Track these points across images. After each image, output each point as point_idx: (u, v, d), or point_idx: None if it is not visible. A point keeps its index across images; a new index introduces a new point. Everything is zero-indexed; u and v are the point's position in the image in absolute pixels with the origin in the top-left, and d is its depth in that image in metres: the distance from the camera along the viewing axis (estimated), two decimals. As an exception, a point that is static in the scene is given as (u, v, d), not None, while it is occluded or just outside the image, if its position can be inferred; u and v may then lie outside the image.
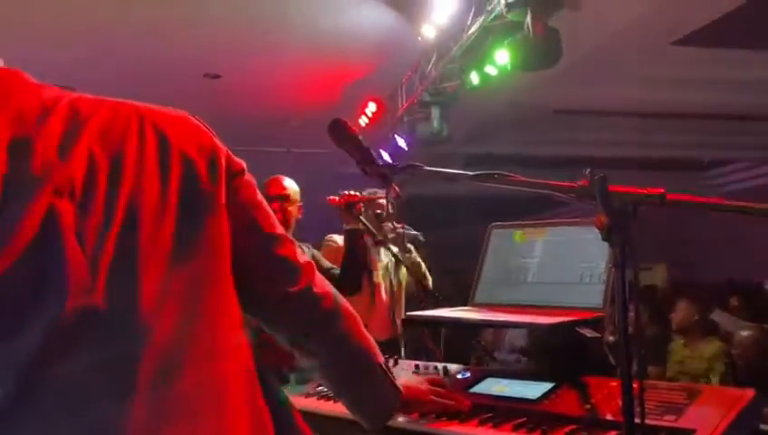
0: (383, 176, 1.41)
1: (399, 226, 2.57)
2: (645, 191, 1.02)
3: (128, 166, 0.86)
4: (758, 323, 4.73)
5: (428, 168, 1.33)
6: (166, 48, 5.47)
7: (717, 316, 5.28)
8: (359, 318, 1.22)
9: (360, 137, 1.39)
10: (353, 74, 6.05)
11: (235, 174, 1.01)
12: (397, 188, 1.57)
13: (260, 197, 1.09)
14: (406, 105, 5.66)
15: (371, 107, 6.26)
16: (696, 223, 13.68)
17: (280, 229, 1.10)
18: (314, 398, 1.72)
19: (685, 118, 7.98)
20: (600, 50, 5.20)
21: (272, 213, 1.11)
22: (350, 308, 1.20)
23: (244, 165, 1.07)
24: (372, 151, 1.40)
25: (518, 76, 4.61)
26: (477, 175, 1.25)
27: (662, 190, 1.01)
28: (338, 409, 1.41)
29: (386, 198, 1.46)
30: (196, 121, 1.01)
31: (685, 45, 5.74)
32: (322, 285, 1.15)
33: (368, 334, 1.23)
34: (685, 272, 11.71)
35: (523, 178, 1.19)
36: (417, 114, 5.61)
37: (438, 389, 1.42)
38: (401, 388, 1.29)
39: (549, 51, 3.46)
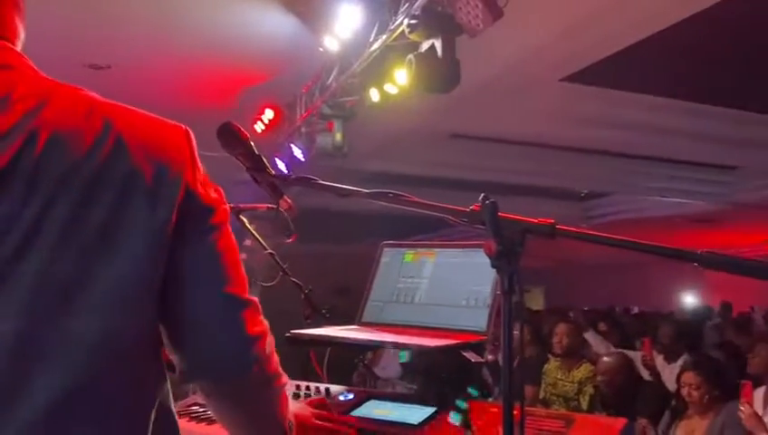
0: (274, 186, 1.36)
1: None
2: (535, 221, 1.03)
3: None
4: (623, 349, 5.04)
5: (322, 182, 1.29)
6: (49, 38, 5.10)
7: (590, 337, 5.57)
8: (285, 393, 1.10)
9: (252, 143, 1.33)
10: (251, 79, 5.91)
11: (199, 207, 0.91)
12: (288, 200, 1.51)
13: (228, 245, 0.96)
14: (304, 115, 5.59)
15: (268, 114, 6.14)
16: (572, 249, 14.52)
17: (244, 292, 0.97)
18: (186, 418, 1.61)
19: (568, 151, 8.45)
20: (495, 80, 5.39)
21: (241, 270, 0.97)
22: (282, 380, 1.07)
23: (220, 203, 0.95)
24: (264, 159, 1.34)
25: (419, 98, 4.69)
26: (371, 193, 1.22)
27: (552, 221, 1.03)
28: (214, 432, 1.32)
29: (276, 209, 1.40)
30: (180, 138, 0.92)
31: (572, 82, 6.09)
32: (267, 365, 1.01)
33: (287, 403, 1.11)
34: (561, 295, 12.36)
35: (417, 199, 1.18)
36: (317, 126, 5.55)
37: (322, 412, 1.37)
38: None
39: (447, 75, 3.52)
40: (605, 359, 4.31)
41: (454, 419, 1.35)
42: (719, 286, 12.91)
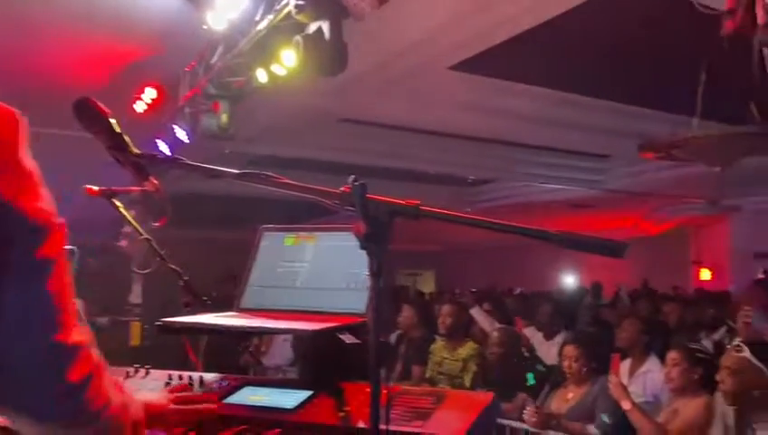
0: (138, 166, 1.28)
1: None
2: (401, 202, 1.04)
3: None
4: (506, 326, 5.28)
5: (188, 162, 1.23)
6: None
7: (476, 314, 5.77)
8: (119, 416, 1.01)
9: (113, 120, 1.24)
10: (130, 56, 5.59)
11: (23, 227, 0.77)
12: (155, 181, 1.43)
13: (60, 284, 0.84)
14: (188, 95, 5.36)
15: (150, 93, 5.84)
16: (462, 233, 14.99)
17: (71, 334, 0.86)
18: None
19: (455, 138, 8.68)
20: (384, 65, 5.43)
21: (72, 306, 0.87)
22: (111, 409, 0.97)
23: (51, 219, 0.81)
24: (126, 138, 1.26)
25: (308, 80, 4.63)
26: (241, 174, 1.18)
27: (417, 202, 1.04)
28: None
29: (141, 192, 1.32)
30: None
31: (459, 71, 6.24)
32: (92, 405, 0.91)
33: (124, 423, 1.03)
34: (451, 278, 12.77)
35: (288, 181, 1.15)
36: (201, 106, 5.34)
37: (183, 395, 1.32)
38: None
39: (334, 58, 3.50)
40: (495, 333, 4.49)
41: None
42: (594, 267, 13.81)
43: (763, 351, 2.86)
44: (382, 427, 1.01)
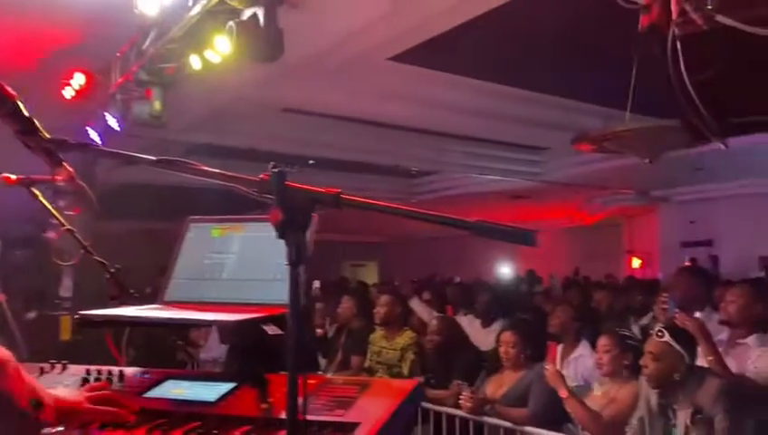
0: (49, 152, 1.23)
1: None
2: (322, 190, 1.03)
3: None
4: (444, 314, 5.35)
5: (102, 147, 1.18)
6: None
7: (415, 304, 5.84)
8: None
9: (21, 103, 1.18)
10: (58, 40, 5.36)
11: None
12: (69, 168, 1.37)
13: None
14: (119, 82, 5.19)
15: (78, 79, 5.61)
16: (404, 224, 15.09)
17: None
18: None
19: (396, 129, 8.71)
20: (324, 54, 5.38)
21: None
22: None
23: None
24: (36, 122, 1.20)
25: (246, 68, 4.54)
26: (158, 160, 1.15)
27: (337, 190, 1.03)
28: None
29: (53, 180, 1.26)
30: None
31: (399, 62, 6.25)
32: None
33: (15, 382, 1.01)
34: (394, 268, 12.85)
35: (206, 169, 1.13)
36: (133, 93, 5.17)
37: (100, 394, 1.28)
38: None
39: (269, 44, 3.45)
40: (433, 321, 4.54)
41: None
42: (531, 257, 14.15)
43: (685, 335, 2.99)
44: (300, 417, 1.00)
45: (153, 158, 1.14)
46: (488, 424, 3.72)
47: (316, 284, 7.30)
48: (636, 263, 14.05)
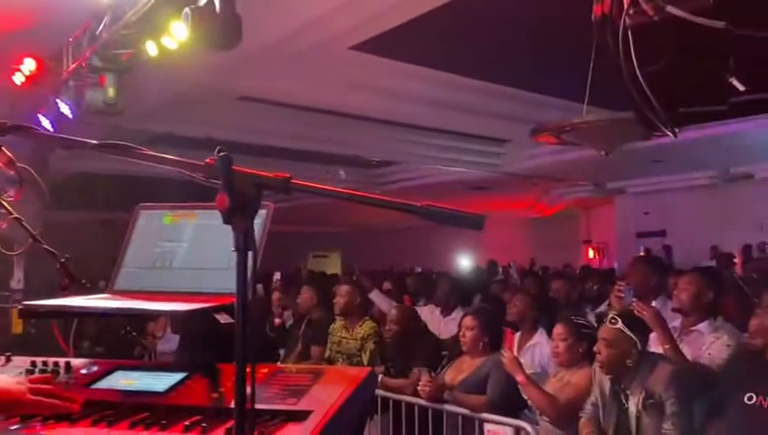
0: (-16, 137, 1.18)
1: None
2: (270, 175, 1.01)
3: None
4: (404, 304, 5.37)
5: (41, 131, 1.14)
6: None
7: (374, 296, 5.83)
8: None
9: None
10: (9, 25, 5.17)
11: None
12: (7, 152, 1.32)
13: None
14: (72, 67, 5.03)
15: (29, 64, 5.42)
16: (367, 214, 15.09)
17: None
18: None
19: (359, 119, 8.67)
20: (284, 42, 5.32)
21: None
22: None
23: None
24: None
25: (204, 56, 4.45)
26: (100, 144, 1.11)
27: (287, 175, 1.01)
28: None
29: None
30: None
31: (361, 51, 6.21)
32: None
33: None
34: (357, 259, 12.82)
35: (151, 153, 1.10)
36: (87, 79, 5.02)
37: (42, 387, 1.24)
38: None
39: (226, 31, 3.38)
40: (392, 311, 4.54)
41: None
42: (491, 248, 14.30)
43: (637, 322, 3.05)
44: (249, 406, 0.98)
45: (94, 142, 1.11)
46: (447, 412, 3.75)
47: (276, 275, 7.23)
48: (593, 253, 14.35)
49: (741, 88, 1.46)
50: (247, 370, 0.97)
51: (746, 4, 1.48)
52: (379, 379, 4.17)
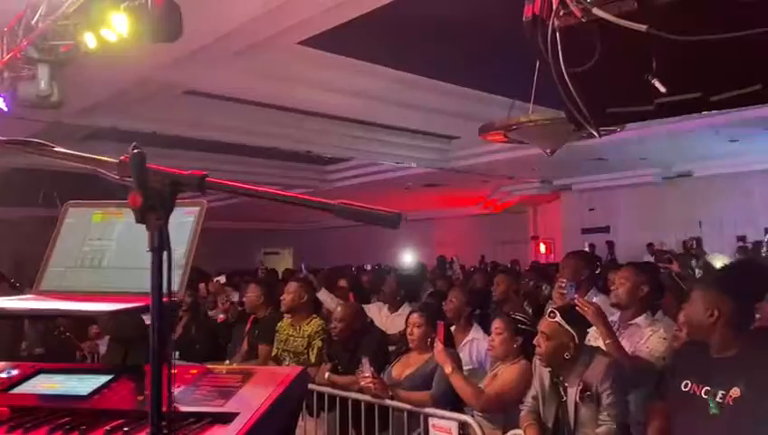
0: None
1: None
2: (185, 173, 0.99)
3: None
4: (359, 302, 5.37)
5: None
6: None
7: (322, 295, 5.82)
8: None
9: None
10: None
11: None
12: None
13: None
14: (6, 59, 4.84)
15: (-41, 55, 5.19)
16: (318, 212, 14.99)
17: None
18: None
19: (307, 115, 8.62)
20: (230, 36, 5.24)
21: None
22: None
23: None
24: None
25: (147, 49, 4.33)
26: (9, 140, 1.07)
27: (203, 173, 0.99)
28: None
29: None
30: None
31: (309, 46, 6.17)
32: None
33: None
34: (309, 256, 12.75)
35: (63, 151, 1.06)
36: (22, 71, 4.84)
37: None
38: None
39: (166, 24, 3.31)
40: (339, 308, 4.53)
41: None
42: (444, 244, 14.45)
43: (575, 316, 3.13)
44: (165, 409, 0.96)
45: (2, 138, 1.06)
46: (393, 407, 3.76)
47: (221, 279, 7.08)
48: (542, 249, 14.64)
49: (662, 89, 1.51)
50: (165, 371, 0.96)
51: (668, 9, 1.53)
52: (327, 376, 4.16)
